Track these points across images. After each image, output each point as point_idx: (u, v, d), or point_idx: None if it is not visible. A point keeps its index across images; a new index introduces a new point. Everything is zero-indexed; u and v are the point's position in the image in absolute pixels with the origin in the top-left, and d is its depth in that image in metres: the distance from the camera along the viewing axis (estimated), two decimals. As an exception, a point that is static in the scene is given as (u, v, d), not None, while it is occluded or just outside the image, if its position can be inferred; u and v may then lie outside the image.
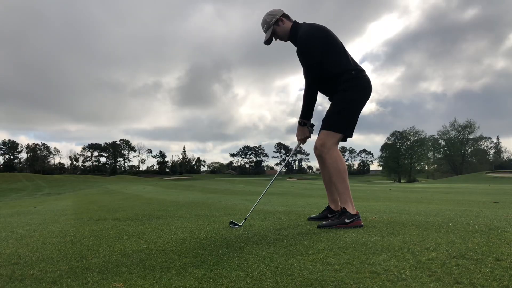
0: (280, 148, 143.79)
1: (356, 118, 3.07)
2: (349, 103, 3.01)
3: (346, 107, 3.01)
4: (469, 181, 38.15)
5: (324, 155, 3.01)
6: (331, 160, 2.98)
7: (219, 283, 1.55)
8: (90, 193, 19.57)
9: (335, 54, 3.05)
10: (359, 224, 2.84)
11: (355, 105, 3.03)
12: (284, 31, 3.16)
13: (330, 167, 2.99)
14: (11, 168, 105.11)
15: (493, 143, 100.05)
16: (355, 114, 3.05)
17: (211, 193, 11.76)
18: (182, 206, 5.78)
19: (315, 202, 5.81)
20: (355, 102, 3.02)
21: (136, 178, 73.62)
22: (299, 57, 3.07)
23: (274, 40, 3.25)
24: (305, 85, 3.08)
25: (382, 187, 17.30)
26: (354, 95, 3.01)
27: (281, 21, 3.15)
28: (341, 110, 3.01)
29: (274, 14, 3.16)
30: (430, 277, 1.52)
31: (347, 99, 3.00)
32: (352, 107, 3.02)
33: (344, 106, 3.00)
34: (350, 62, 3.07)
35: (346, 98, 2.99)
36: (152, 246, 2.39)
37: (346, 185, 2.96)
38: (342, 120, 3.01)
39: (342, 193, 2.95)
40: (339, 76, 3.00)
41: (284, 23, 3.15)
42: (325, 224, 2.87)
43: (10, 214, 6.07)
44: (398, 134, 79.00)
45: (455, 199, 6.95)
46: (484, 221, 3.00)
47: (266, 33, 3.20)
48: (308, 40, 3.02)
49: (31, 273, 1.84)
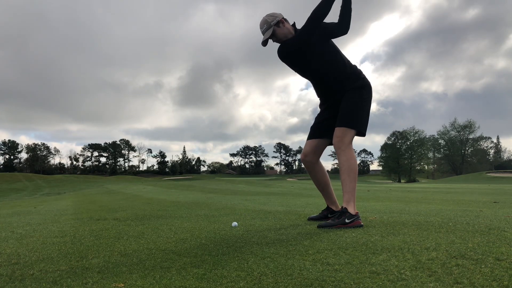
0: (280, 148, 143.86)
1: (368, 117, 3.13)
2: (363, 102, 3.08)
3: (361, 106, 3.06)
4: (469, 181, 38.15)
5: (341, 151, 3.00)
6: (347, 157, 2.98)
7: (219, 283, 1.55)
8: (90, 193, 19.57)
9: (342, 55, 3.15)
10: (359, 224, 2.84)
11: (368, 104, 3.12)
12: (284, 33, 3.13)
13: (344, 164, 2.97)
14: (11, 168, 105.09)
15: (493, 143, 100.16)
16: (368, 113, 3.12)
17: (211, 193, 11.76)
18: (182, 206, 5.78)
19: (315, 202, 5.81)
20: (367, 102, 3.11)
21: (136, 178, 73.61)
22: (301, 48, 3.07)
23: (272, 42, 3.21)
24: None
25: (382, 187, 17.30)
26: (366, 94, 3.09)
27: (282, 23, 3.13)
28: (357, 108, 3.05)
29: (276, 15, 3.14)
30: (430, 277, 1.52)
31: (362, 97, 3.07)
32: (366, 105, 3.10)
33: (360, 105, 3.06)
34: (352, 64, 3.18)
35: (362, 96, 3.07)
36: (152, 246, 2.39)
37: (354, 185, 2.96)
38: (359, 118, 3.05)
39: (348, 192, 2.94)
40: (348, 76, 3.09)
41: (284, 26, 3.13)
42: (325, 224, 2.87)
43: (10, 214, 6.07)
44: (398, 134, 78.94)
45: (455, 199, 6.95)
46: (484, 221, 3.00)
47: (264, 34, 3.16)
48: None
49: (31, 273, 1.84)
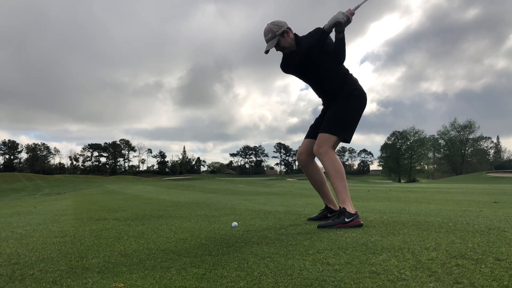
0: (280, 148, 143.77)
1: (355, 125, 3.16)
2: (351, 110, 3.10)
3: (347, 113, 3.09)
4: (469, 181, 38.15)
5: (322, 157, 3.04)
6: (329, 161, 3.02)
7: (219, 283, 1.55)
8: (90, 193, 19.58)
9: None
10: (358, 223, 2.84)
11: (356, 113, 3.13)
12: (288, 43, 3.13)
13: (329, 167, 3.02)
14: (11, 168, 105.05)
15: (493, 143, 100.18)
16: (355, 122, 3.14)
17: (211, 193, 11.76)
18: (182, 206, 5.79)
19: (315, 202, 5.81)
20: (355, 111, 3.13)
21: (136, 178, 73.61)
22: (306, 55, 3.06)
23: (275, 50, 3.20)
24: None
25: (382, 187, 17.30)
26: (354, 104, 3.12)
27: (287, 33, 3.12)
28: (342, 115, 3.08)
29: (281, 25, 3.11)
30: (430, 277, 1.52)
31: (350, 106, 3.09)
32: (353, 114, 3.12)
33: (346, 112, 3.09)
34: (349, 73, 3.22)
35: (350, 105, 3.09)
36: (152, 246, 2.39)
37: (344, 185, 2.98)
38: (343, 125, 3.08)
39: (341, 193, 2.95)
40: (344, 82, 3.11)
41: (289, 35, 3.13)
42: (325, 224, 2.87)
43: (10, 214, 6.07)
44: (398, 134, 78.89)
45: (455, 199, 6.95)
46: (484, 221, 3.00)
47: (269, 43, 3.12)
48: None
49: (31, 273, 1.84)
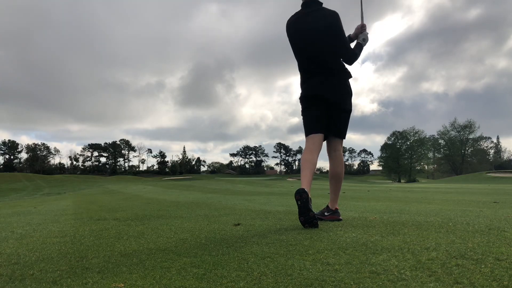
0: (280, 148, 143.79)
1: (309, 123, 3.28)
2: (303, 111, 3.31)
3: (303, 115, 3.30)
4: (469, 181, 38.15)
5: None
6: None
7: (219, 283, 1.55)
8: (90, 193, 19.58)
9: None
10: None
11: (305, 112, 3.31)
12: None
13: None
14: (11, 168, 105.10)
15: (493, 143, 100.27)
16: (307, 120, 3.28)
17: (211, 193, 11.76)
18: (182, 206, 5.79)
19: (315, 202, 5.80)
20: (304, 110, 3.32)
21: (136, 178, 73.63)
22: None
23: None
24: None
25: (382, 187, 17.30)
26: (302, 105, 3.31)
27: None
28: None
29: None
30: (430, 277, 1.52)
31: (302, 107, 3.29)
32: (304, 114, 3.32)
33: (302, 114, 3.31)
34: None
35: (302, 106, 3.30)
36: (152, 246, 2.39)
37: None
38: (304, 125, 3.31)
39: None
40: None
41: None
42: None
43: (10, 214, 6.07)
44: (398, 134, 78.92)
45: (455, 199, 6.95)
46: (484, 221, 3.00)
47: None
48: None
49: (31, 273, 1.84)
